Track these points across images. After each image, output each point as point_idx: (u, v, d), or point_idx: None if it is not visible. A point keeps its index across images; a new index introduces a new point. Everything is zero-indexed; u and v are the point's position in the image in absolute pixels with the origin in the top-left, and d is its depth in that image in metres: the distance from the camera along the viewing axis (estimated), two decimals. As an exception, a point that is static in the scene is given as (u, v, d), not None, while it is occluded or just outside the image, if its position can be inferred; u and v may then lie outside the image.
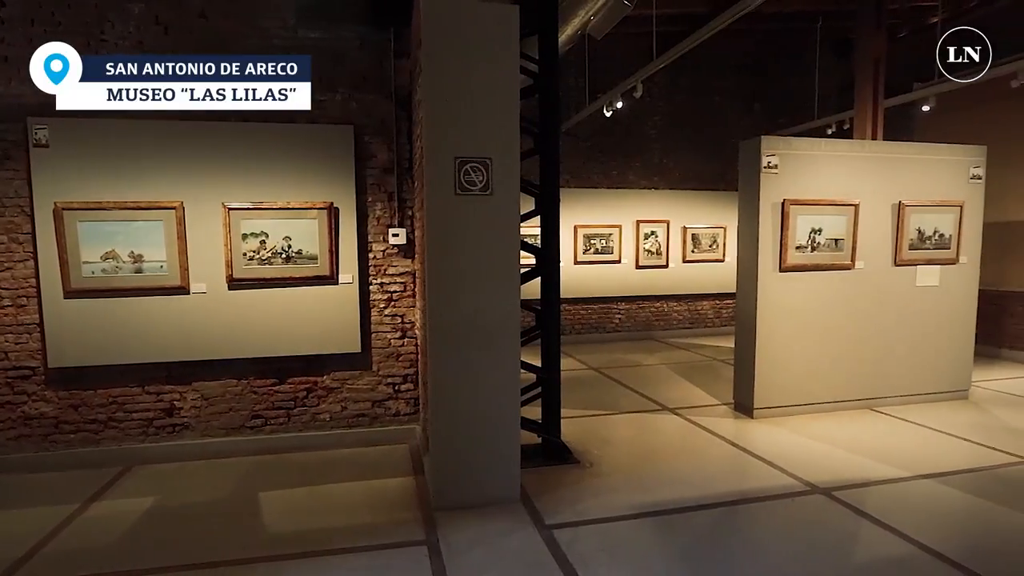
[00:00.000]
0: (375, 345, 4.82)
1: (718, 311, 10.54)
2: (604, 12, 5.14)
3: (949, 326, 5.97)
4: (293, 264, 4.52)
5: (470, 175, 3.47)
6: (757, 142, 5.30)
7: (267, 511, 3.69)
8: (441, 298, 3.52)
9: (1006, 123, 7.78)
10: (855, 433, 5.06)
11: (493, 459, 3.68)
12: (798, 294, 5.47)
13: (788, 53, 10.06)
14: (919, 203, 5.72)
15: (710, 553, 3.15)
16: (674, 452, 4.67)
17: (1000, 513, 3.61)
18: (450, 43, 3.42)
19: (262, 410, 4.65)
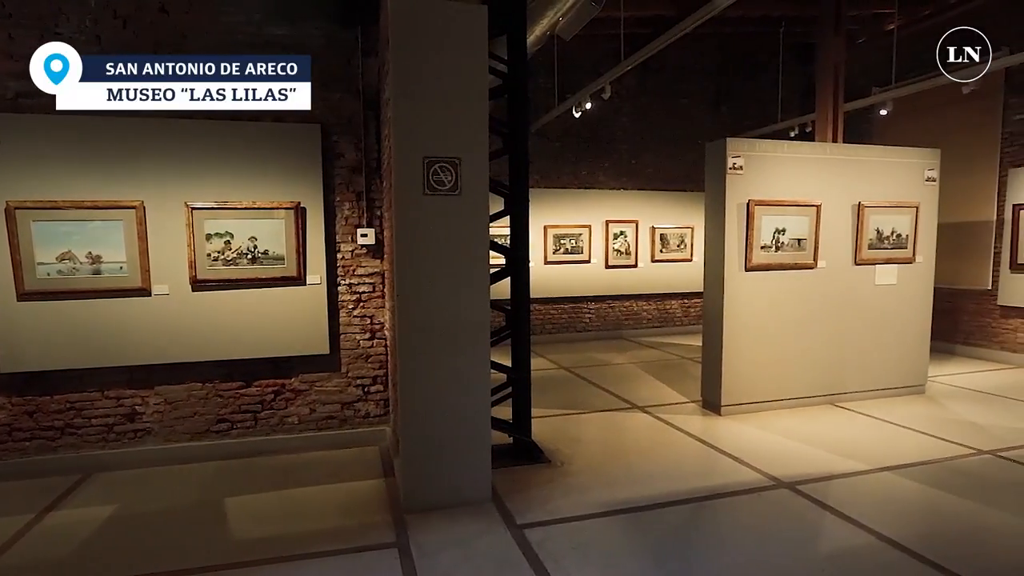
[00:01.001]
0: (344, 346, 4.76)
1: (686, 310, 10.69)
2: (572, 13, 5.17)
3: (906, 323, 6.17)
4: (259, 265, 4.44)
5: (439, 175, 3.46)
6: (723, 144, 5.39)
7: (233, 517, 3.61)
8: (410, 299, 3.50)
9: (958, 127, 8.06)
10: (818, 428, 5.19)
11: (464, 460, 3.67)
12: (763, 293, 5.58)
13: (752, 57, 10.27)
14: (877, 204, 5.90)
15: (679, 548, 3.19)
16: (644, 450, 4.73)
17: (953, 502, 3.74)
18: (418, 42, 3.40)
19: (228, 414, 4.56)
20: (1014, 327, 7.68)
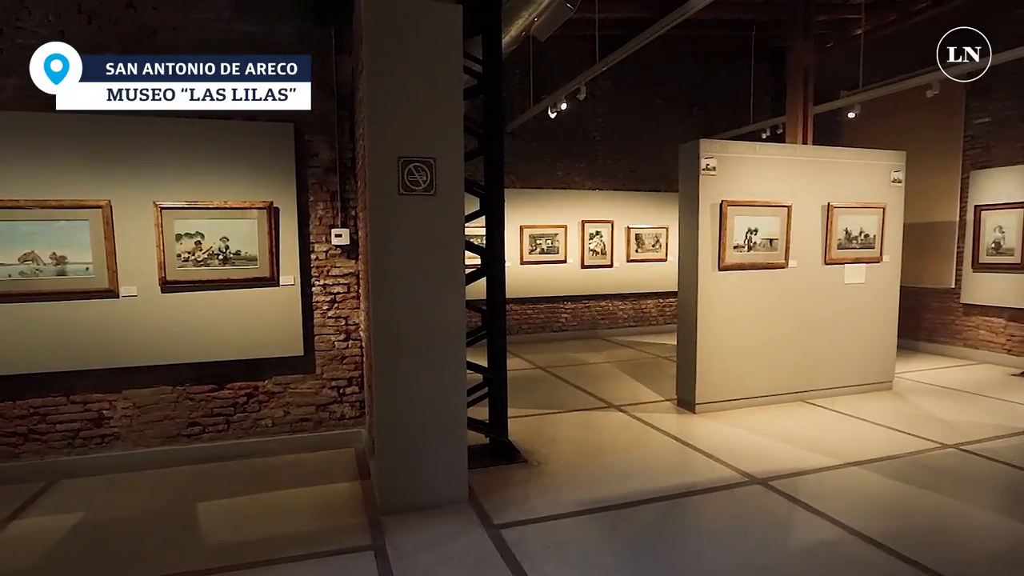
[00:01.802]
0: (319, 348, 4.71)
1: (661, 309, 10.80)
2: (548, 14, 5.19)
3: (874, 321, 6.31)
4: (231, 265, 4.37)
5: (414, 175, 3.44)
6: (696, 145, 5.46)
7: (206, 522, 3.55)
8: (385, 299, 3.48)
9: (922, 130, 8.28)
10: (789, 424, 5.28)
11: (440, 461, 3.66)
12: (736, 292, 5.66)
13: (725, 60, 10.41)
14: (846, 205, 6.02)
15: (655, 545, 3.22)
16: (620, 448, 4.76)
17: (919, 495, 3.84)
18: (392, 41, 3.38)
19: (199, 417, 4.48)
20: (976, 324, 7.91)
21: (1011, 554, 3.16)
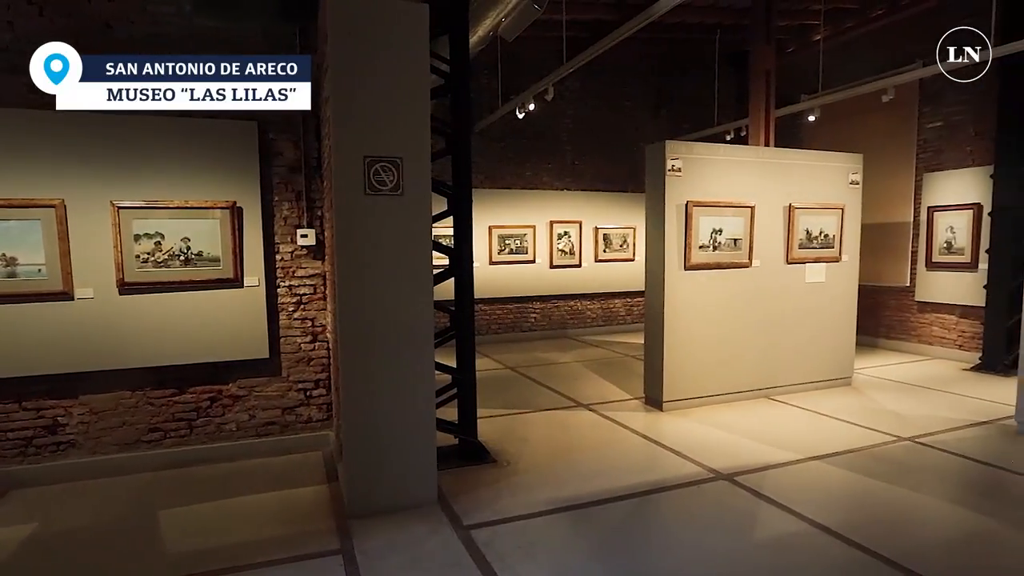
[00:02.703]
0: (285, 350, 4.63)
1: (629, 308, 10.91)
2: (515, 14, 5.19)
3: (834, 319, 6.49)
4: (193, 267, 4.27)
5: (380, 175, 3.41)
6: (662, 146, 5.53)
7: (167, 530, 3.46)
8: (352, 300, 3.44)
9: (878, 134, 8.55)
10: (754, 421, 5.39)
11: (409, 462, 3.64)
12: (702, 291, 5.76)
13: (691, 63, 10.57)
14: (807, 206, 6.18)
15: (623, 542, 3.26)
16: (589, 447, 4.80)
17: (877, 487, 3.96)
18: (358, 40, 3.35)
19: (160, 422, 4.36)
20: (929, 321, 8.20)
21: (962, 541, 3.28)
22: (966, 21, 7.44)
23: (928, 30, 7.83)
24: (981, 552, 3.19)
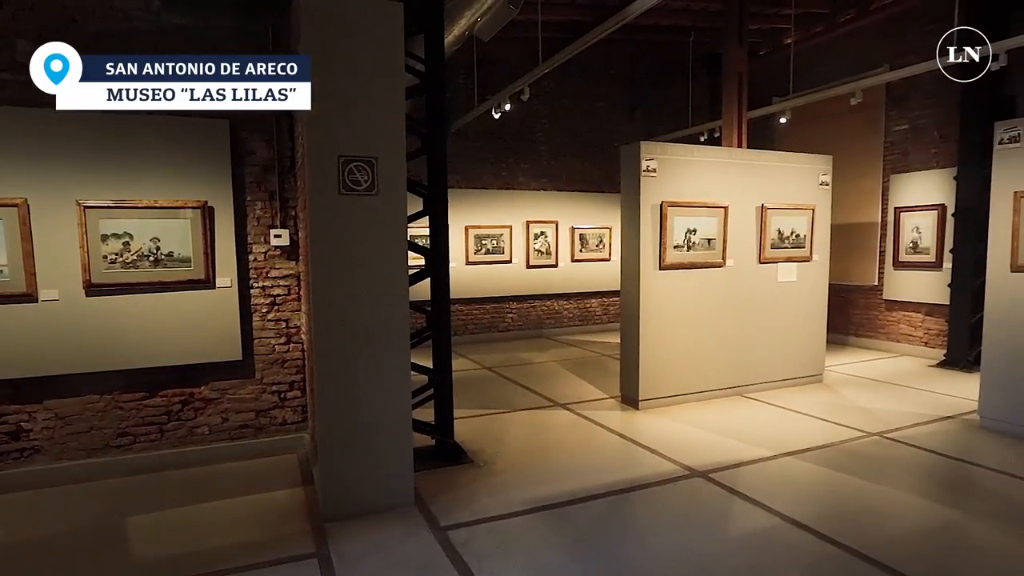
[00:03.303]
0: (258, 352, 4.57)
1: (606, 308, 10.98)
2: (490, 15, 5.20)
3: (806, 317, 6.61)
4: (163, 267, 4.19)
5: (355, 174, 3.39)
6: (637, 147, 5.58)
7: (137, 536, 3.39)
8: (326, 301, 3.41)
9: (847, 136, 8.73)
10: (728, 418, 5.47)
11: (385, 464, 3.61)
12: (677, 291, 5.82)
13: (666, 64, 10.69)
14: (778, 206, 6.28)
15: (600, 541, 3.28)
16: (566, 446, 4.82)
17: (847, 482, 4.05)
18: (331, 38, 3.32)
19: (130, 427, 4.27)
20: (897, 319, 8.40)
21: (928, 533, 3.37)
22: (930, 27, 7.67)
23: (894, 35, 8.06)
24: (946, 543, 3.28)
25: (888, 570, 2.95)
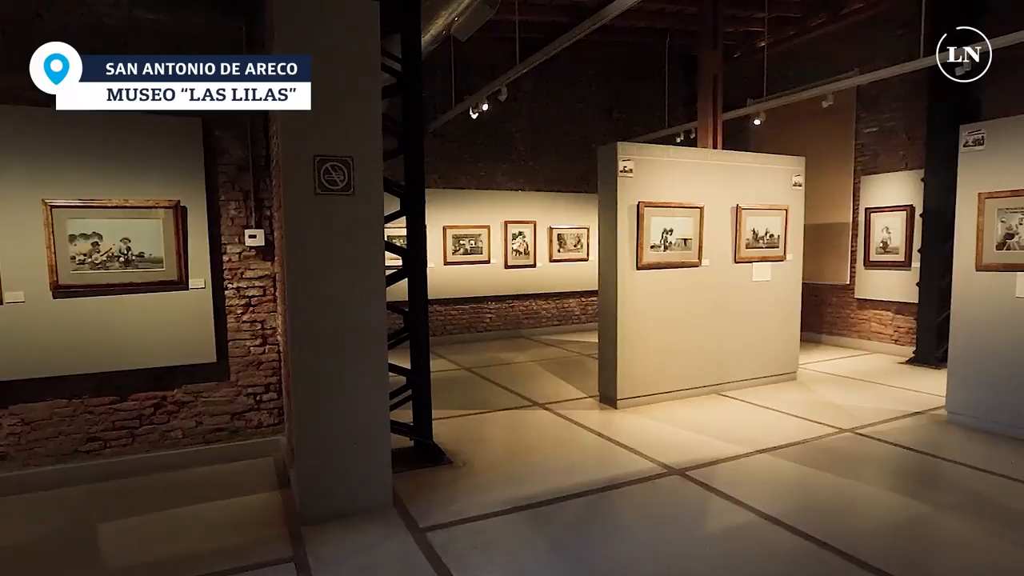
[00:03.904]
0: (233, 354, 4.50)
1: (584, 308, 11.03)
2: (468, 14, 5.19)
3: (780, 316, 6.71)
4: (134, 268, 4.10)
5: (330, 174, 3.35)
6: (614, 148, 5.61)
7: (108, 543, 3.31)
8: (303, 302, 3.37)
9: (819, 138, 8.89)
10: (705, 416, 5.53)
11: (362, 466, 3.58)
12: (654, 290, 5.87)
13: (642, 66, 10.77)
14: (753, 207, 6.37)
15: (579, 539, 3.29)
16: (545, 446, 4.83)
17: (820, 478, 4.12)
18: (306, 36, 3.29)
19: (100, 432, 4.17)
20: (868, 317, 8.57)
21: (897, 526, 3.44)
22: (899, 32, 7.85)
23: (864, 40, 8.23)
24: (916, 535, 3.36)
25: (859, 563, 3.01)
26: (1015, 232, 4.72)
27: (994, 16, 6.71)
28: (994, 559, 3.06)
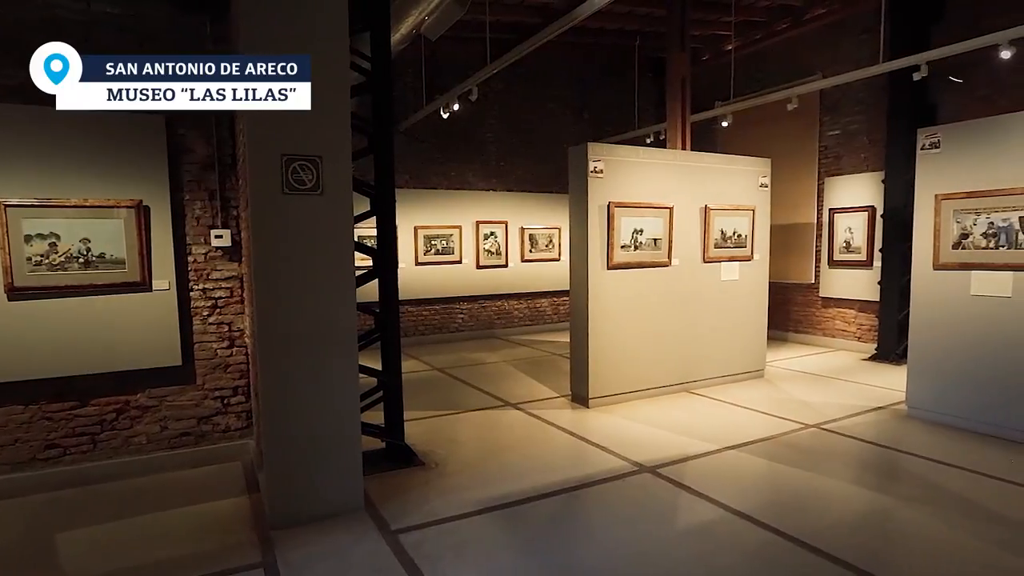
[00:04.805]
0: (199, 356, 4.41)
1: (556, 308, 11.07)
2: (438, 13, 5.17)
3: (747, 315, 6.83)
4: (94, 269, 3.99)
5: (298, 173, 3.31)
6: (584, 148, 5.65)
7: (68, 553, 3.21)
8: (271, 303, 3.32)
9: (786, 140, 9.08)
10: (675, 414, 5.60)
11: (333, 469, 3.54)
12: (625, 290, 5.92)
13: (612, 67, 10.86)
14: (721, 207, 6.47)
15: (552, 539, 3.30)
16: (518, 446, 4.83)
17: (788, 473, 4.21)
18: (272, 32, 3.24)
19: (59, 438, 4.05)
20: (832, 315, 8.78)
21: (863, 518, 3.54)
22: (861, 37, 8.05)
23: (827, 45, 8.43)
24: (878, 527, 3.45)
25: (825, 555, 3.08)
26: (970, 232, 4.89)
27: (948, 25, 6.94)
28: (952, 548, 3.17)
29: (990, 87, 6.60)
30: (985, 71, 6.48)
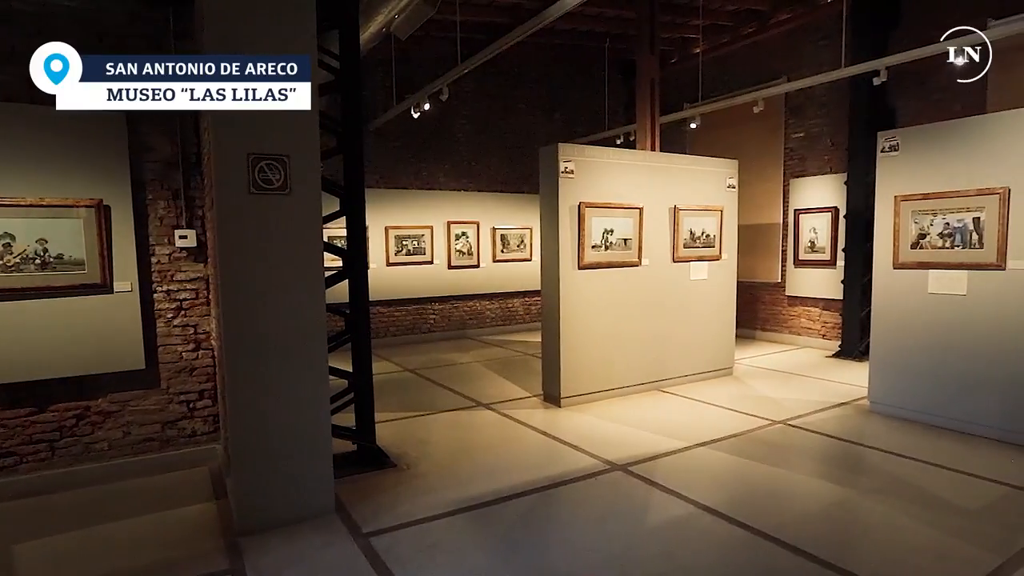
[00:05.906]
0: (164, 360, 4.30)
1: (528, 308, 11.10)
2: (408, 13, 5.14)
3: (716, 313, 6.94)
4: (52, 271, 3.87)
5: (266, 172, 3.25)
6: (555, 149, 5.67)
7: (25, 565, 3.11)
8: (237, 305, 3.26)
9: (752, 142, 9.26)
10: (646, 412, 5.66)
11: (303, 472, 3.49)
12: (595, 289, 5.96)
13: (583, 69, 10.94)
14: (690, 208, 6.57)
15: (524, 538, 3.31)
16: (490, 446, 4.83)
17: (756, 469, 4.29)
18: (237, 28, 3.18)
19: (15, 446, 3.91)
20: (798, 314, 8.98)
21: (826, 511, 3.62)
22: (822, 43, 8.25)
23: (791, 49, 8.62)
24: (842, 519, 3.54)
25: (792, 548, 3.15)
26: (927, 232, 5.05)
27: (905, 31, 7.16)
28: (911, 537, 3.26)
29: (944, 92, 6.83)
30: (940, 76, 6.69)
